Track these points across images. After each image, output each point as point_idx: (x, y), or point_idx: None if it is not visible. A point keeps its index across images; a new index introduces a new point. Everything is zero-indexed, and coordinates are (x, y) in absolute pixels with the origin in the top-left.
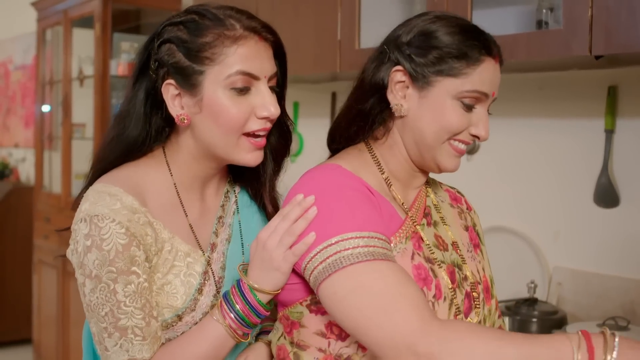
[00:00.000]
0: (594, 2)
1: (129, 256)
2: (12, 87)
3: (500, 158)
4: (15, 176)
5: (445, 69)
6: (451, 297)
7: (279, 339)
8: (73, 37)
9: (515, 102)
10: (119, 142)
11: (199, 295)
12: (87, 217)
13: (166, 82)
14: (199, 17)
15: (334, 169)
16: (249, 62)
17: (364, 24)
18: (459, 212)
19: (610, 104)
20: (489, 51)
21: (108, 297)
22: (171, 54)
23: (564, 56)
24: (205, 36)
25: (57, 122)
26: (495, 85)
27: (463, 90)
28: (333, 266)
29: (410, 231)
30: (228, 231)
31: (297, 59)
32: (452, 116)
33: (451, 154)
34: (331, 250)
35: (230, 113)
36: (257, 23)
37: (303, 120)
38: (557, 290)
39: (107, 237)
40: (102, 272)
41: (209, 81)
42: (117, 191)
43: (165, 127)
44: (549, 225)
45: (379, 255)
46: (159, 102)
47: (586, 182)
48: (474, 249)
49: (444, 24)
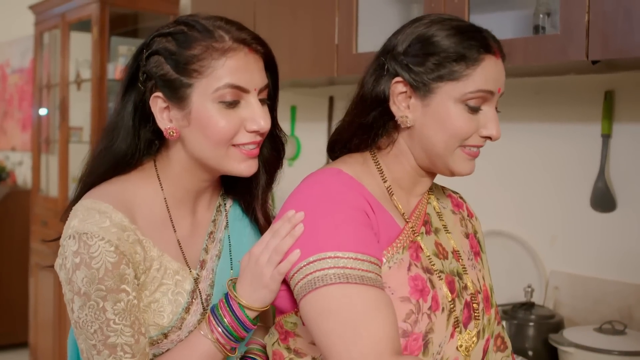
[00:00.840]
0: (591, 8)
1: (118, 274)
2: (10, 91)
3: (497, 162)
4: (12, 179)
5: (445, 74)
6: (450, 308)
7: (273, 344)
8: (70, 41)
9: (512, 107)
10: (107, 154)
11: (185, 314)
12: (76, 234)
13: (154, 95)
14: (188, 28)
15: (335, 175)
16: (237, 75)
17: (362, 28)
18: (460, 219)
19: (607, 109)
20: (487, 49)
21: (97, 314)
22: (159, 66)
23: (561, 61)
24: (193, 48)
25: (54, 125)
26: (499, 82)
27: (466, 92)
28: (308, 286)
29: (408, 241)
30: (218, 247)
31: (295, 63)
32: (458, 121)
33: (464, 159)
34: (309, 268)
35: (219, 126)
36: (247, 34)
37: (300, 124)
38: (554, 295)
39: (96, 256)
40: (91, 290)
41: (198, 94)
42: (107, 208)
43: (155, 140)
44: (546, 230)
45: (354, 278)
46: (147, 114)
47: (583, 187)
48: (475, 257)
49: (439, 28)
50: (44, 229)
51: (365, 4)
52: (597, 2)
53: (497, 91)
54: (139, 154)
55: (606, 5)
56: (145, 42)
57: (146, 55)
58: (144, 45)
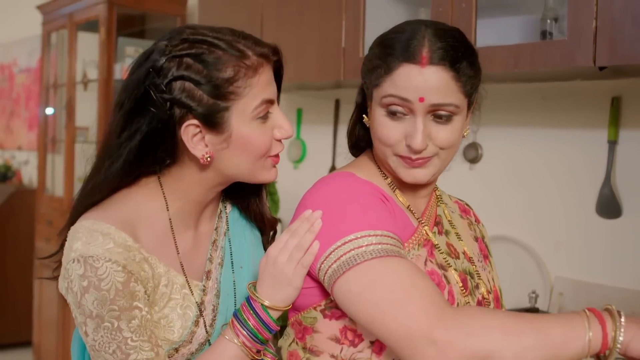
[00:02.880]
0: (598, 13)
1: (129, 292)
2: (16, 90)
3: (502, 167)
4: (18, 179)
5: (370, 80)
6: (464, 303)
7: (290, 344)
8: (78, 41)
9: (519, 112)
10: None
11: (195, 328)
12: (81, 257)
13: (186, 124)
14: (207, 47)
15: (347, 176)
16: (268, 89)
17: (369, 31)
18: (469, 224)
19: (614, 115)
20: (407, 57)
21: (114, 335)
22: (190, 94)
23: (568, 67)
24: (225, 70)
25: (60, 125)
26: (421, 90)
27: (381, 97)
28: (347, 264)
29: (422, 238)
30: (221, 254)
31: (302, 66)
32: (380, 127)
33: (402, 166)
34: (345, 248)
35: (259, 142)
36: (267, 49)
37: (306, 127)
38: (559, 301)
39: (105, 277)
40: (104, 312)
41: (236, 116)
42: (109, 229)
43: (167, 159)
44: (551, 235)
45: (392, 252)
46: (165, 139)
47: (589, 193)
48: (484, 260)
49: (379, 38)
50: (49, 229)
51: (372, 8)
52: (605, 8)
53: (417, 100)
54: (142, 173)
55: (614, 11)
56: (151, 65)
57: (166, 82)
58: (152, 68)
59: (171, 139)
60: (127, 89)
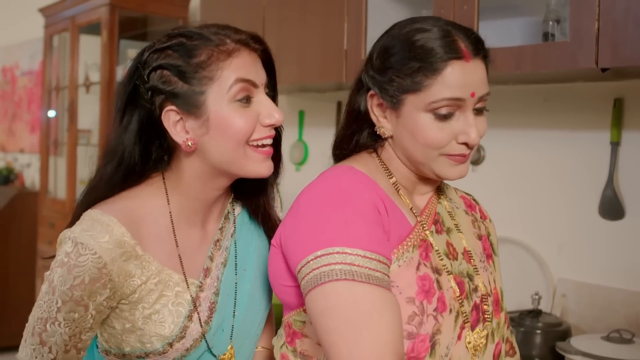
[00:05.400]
0: (600, 15)
1: (89, 290)
2: (19, 93)
3: (505, 169)
4: (20, 181)
5: (406, 86)
6: (458, 309)
7: (281, 347)
8: (80, 44)
9: (520, 114)
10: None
11: (188, 322)
12: (75, 239)
13: (166, 110)
14: (186, 39)
15: (348, 171)
16: (245, 70)
17: (370, 33)
18: (473, 221)
19: (616, 117)
20: (452, 54)
21: (50, 308)
22: (166, 80)
23: (571, 68)
24: (198, 56)
25: (62, 128)
26: (472, 85)
27: (430, 102)
28: (314, 280)
29: (418, 239)
30: (224, 254)
31: (303, 68)
32: (427, 132)
33: (449, 165)
34: (317, 263)
35: (239, 124)
36: (246, 35)
37: (308, 129)
38: (562, 302)
39: (81, 266)
40: (59, 288)
41: (212, 99)
42: (111, 221)
43: (164, 154)
44: (554, 237)
45: (360, 276)
46: (155, 130)
47: (591, 194)
48: (487, 260)
49: (400, 38)
50: (51, 231)
51: (374, 10)
52: (607, 10)
53: (469, 96)
54: (148, 170)
55: (616, 12)
56: (139, 60)
57: (147, 72)
58: (139, 62)
59: (161, 131)
60: (121, 86)
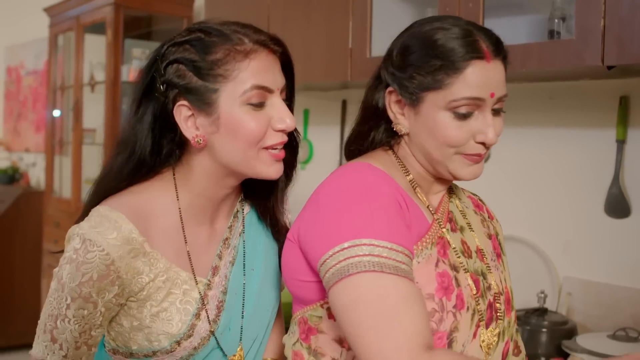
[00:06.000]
0: (606, 12)
1: (98, 287)
2: (24, 92)
3: (510, 167)
4: (26, 181)
5: (427, 83)
6: (474, 306)
7: (294, 343)
8: (85, 43)
9: (526, 112)
10: (126, 167)
11: (196, 321)
12: (84, 236)
13: (178, 104)
14: (205, 34)
15: (365, 167)
16: (262, 76)
17: (375, 32)
18: (482, 220)
19: (622, 114)
20: (473, 54)
21: (60, 305)
22: (181, 74)
23: (576, 66)
24: (215, 53)
25: (67, 127)
26: (491, 86)
27: (450, 101)
28: (341, 272)
29: (436, 236)
30: (233, 253)
31: (308, 67)
32: (446, 130)
33: (464, 164)
34: (343, 254)
35: (250, 127)
36: (265, 36)
37: (313, 127)
38: (567, 301)
39: (89, 263)
40: (68, 285)
41: (224, 98)
42: (119, 217)
43: (176, 149)
44: (559, 235)
45: (389, 267)
46: (168, 124)
47: (597, 192)
48: (497, 259)
49: (421, 36)
50: (56, 230)
51: (379, 8)
52: (613, 7)
53: (489, 96)
54: (159, 164)
55: (622, 10)
56: (158, 52)
57: (164, 66)
58: (158, 55)
59: (173, 125)
60: (139, 77)
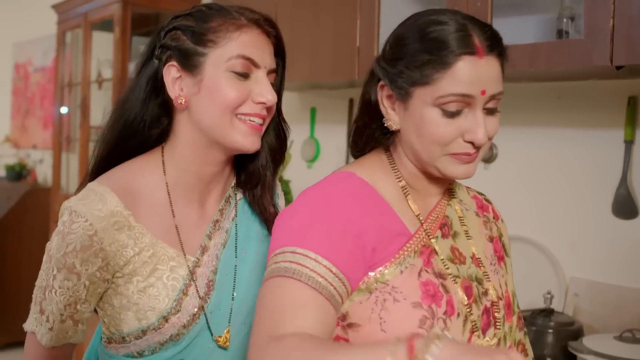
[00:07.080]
0: (615, 12)
1: (82, 258)
2: (31, 89)
3: (517, 167)
4: (33, 177)
5: (415, 78)
6: (466, 313)
7: None
8: (92, 40)
9: (534, 112)
10: (117, 125)
11: (184, 296)
12: (70, 208)
13: (168, 64)
14: (207, 8)
15: (345, 179)
16: (250, 49)
17: (383, 31)
18: (485, 222)
19: (630, 115)
20: (464, 49)
21: (48, 276)
22: (177, 38)
23: (585, 66)
24: (210, 22)
25: (75, 124)
26: (483, 83)
27: (438, 97)
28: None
29: (419, 245)
30: (224, 236)
31: (316, 66)
32: (433, 127)
33: (454, 163)
34: (283, 257)
35: (227, 93)
36: (260, 16)
37: (320, 126)
38: (574, 301)
39: (73, 233)
40: (54, 256)
41: (210, 63)
42: (104, 191)
43: (162, 116)
44: (566, 236)
45: (298, 274)
46: (159, 87)
47: (604, 193)
48: (498, 262)
49: (414, 29)
50: None
51: (387, 7)
52: (622, 7)
53: (479, 94)
54: (145, 126)
55: (631, 9)
56: (164, 25)
57: (164, 33)
58: (163, 27)
59: (163, 88)
60: (145, 47)
